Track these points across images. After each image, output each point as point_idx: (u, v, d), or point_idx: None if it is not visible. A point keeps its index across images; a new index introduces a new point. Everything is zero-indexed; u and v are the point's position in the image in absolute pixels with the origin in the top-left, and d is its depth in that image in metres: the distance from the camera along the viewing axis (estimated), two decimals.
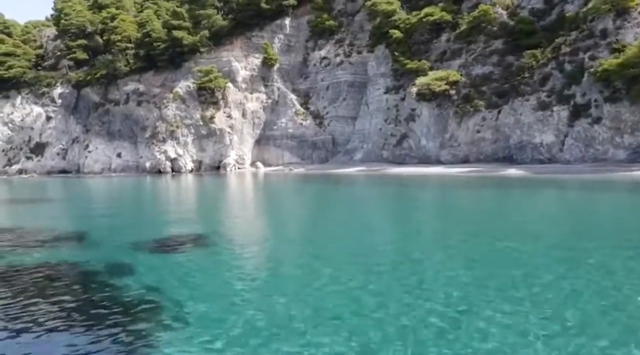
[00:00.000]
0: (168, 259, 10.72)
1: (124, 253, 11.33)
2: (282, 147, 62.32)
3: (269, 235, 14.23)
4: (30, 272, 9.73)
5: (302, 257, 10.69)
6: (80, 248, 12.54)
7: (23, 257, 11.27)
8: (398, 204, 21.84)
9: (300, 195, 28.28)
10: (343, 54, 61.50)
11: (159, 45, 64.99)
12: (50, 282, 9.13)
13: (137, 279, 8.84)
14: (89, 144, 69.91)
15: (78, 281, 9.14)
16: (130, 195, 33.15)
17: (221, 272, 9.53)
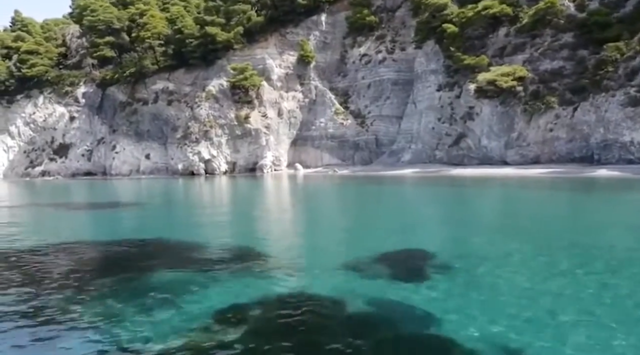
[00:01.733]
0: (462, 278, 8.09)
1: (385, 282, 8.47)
2: (322, 148, 59.70)
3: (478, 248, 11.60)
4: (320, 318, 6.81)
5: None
6: (306, 275, 9.13)
7: (264, 288, 8.20)
8: (510, 208, 19.16)
9: (386, 198, 25.66)
10: (385, 51, 58.96)
11: (190, 42, 62.45)
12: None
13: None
14: (116, 145, 67.33)
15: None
16: (214, 197, 30.42)
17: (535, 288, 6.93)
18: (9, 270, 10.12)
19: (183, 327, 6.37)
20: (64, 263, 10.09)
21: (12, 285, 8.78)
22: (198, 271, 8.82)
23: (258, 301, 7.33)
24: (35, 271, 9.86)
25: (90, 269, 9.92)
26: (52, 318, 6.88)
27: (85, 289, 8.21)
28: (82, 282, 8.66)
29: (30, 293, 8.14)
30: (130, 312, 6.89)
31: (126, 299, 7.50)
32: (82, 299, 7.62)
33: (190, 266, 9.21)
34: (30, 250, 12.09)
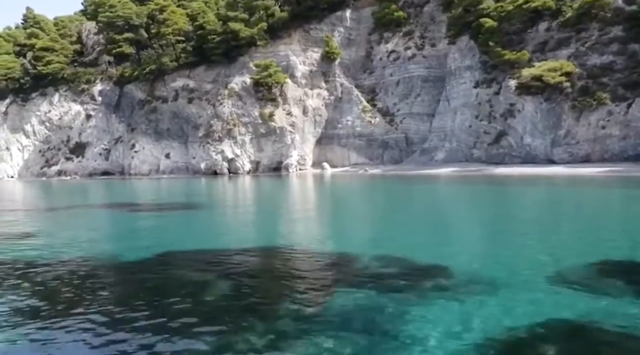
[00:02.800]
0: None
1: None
2: (348, 147, 58.14)
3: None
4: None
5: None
6: (522, 292, 7.08)
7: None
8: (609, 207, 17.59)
9: (463, 198, 24.08)
10: (415, 47, 57.41)
11: (213, 38, 60.89)
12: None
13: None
14: (135, 144, 65.76)
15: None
16: (269, 196, 28.84)
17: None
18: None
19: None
20: (225, 286, 8.44)
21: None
22: (384, 292, 7.22)
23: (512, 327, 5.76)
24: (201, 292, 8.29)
25: (253, 287, 8.26)
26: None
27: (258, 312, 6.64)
28: (252, 306, 7.08)
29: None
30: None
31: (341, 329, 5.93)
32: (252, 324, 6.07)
33: (370, 285, 7.60)
34: (167, 262, 10.52)
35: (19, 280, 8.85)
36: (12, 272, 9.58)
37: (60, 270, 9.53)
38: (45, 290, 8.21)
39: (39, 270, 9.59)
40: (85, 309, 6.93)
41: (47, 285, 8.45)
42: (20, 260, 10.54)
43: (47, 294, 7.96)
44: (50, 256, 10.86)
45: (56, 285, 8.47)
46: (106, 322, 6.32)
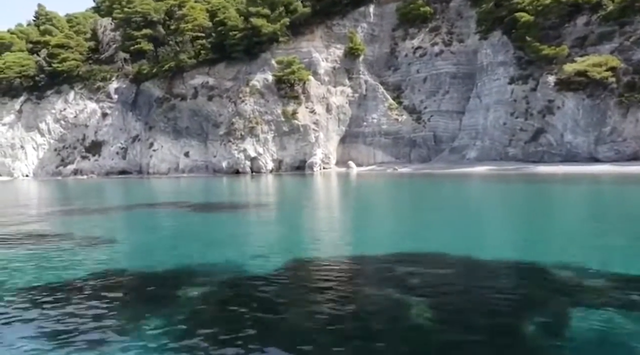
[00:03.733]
0: None
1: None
2: (374, 145, 56.82)
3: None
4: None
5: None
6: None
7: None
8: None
9: (522, 198, 22.80)
10: (442, 43, 56.09)
11: (234, 35, 59.58)
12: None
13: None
14: (154, 142, 64.45)
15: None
16: (322, 196, 27.52)
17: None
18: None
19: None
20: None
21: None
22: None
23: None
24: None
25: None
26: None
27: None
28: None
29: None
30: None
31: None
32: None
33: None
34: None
35: (173, 294, 7.58)
36: (155, 286, 8.29)
37: (203, 284, 8.26)
38: (200, 308, 6.94)
39: (187, 286, 8.32)
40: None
41: (200, 304, 7.17)
42: (147, 271, 9.27)
43: (205, 314, 6.69)
44: (178, 267, 9.59)
45: (208, 305, 7.20)
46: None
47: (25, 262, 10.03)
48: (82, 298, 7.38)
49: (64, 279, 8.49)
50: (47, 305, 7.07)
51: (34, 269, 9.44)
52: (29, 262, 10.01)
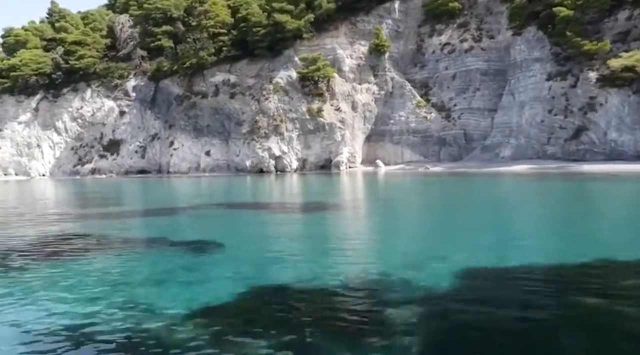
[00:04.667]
0: None
1: None
2: (402, 144, 55.64)
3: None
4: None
5: None
6: None
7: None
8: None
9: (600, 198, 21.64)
10: (472, 39, 54.90)
11: (258, 31, 58.40)
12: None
13: None
14: (174, 141, 63.27)
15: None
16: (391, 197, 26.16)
17: None
18: None
19: None
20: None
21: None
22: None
23: None
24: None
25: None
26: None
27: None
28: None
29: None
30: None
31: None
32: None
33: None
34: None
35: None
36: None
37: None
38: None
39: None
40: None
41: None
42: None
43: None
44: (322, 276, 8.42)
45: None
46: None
47: (167, 276, 8.62)
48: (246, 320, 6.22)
49: (217, 297, 7.23)
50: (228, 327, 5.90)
51: (178, 286, 8.01)
52: (173, 276, 8.59)
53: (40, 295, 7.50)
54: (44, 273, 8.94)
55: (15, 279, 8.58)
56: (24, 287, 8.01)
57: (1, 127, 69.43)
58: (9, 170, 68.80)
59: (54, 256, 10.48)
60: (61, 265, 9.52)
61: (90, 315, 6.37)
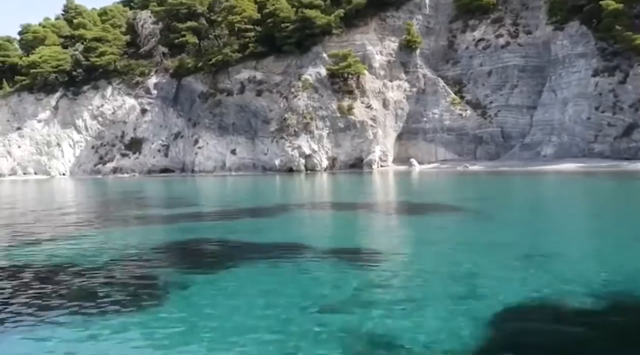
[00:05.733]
0: None
1: None
2: (436, 142, 54.29)
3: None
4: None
5: None
6: None
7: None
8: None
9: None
10: (508, 35, 53.54)
11: (286, 27, 57.02)
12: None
13: None
14: (199, 139, 61.90)
15: None
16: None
17: None
18: None
19: None
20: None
21: None
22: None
23: None
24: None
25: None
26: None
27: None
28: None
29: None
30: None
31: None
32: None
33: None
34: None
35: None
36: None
37: None
38: None
39: None
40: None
41: None
42: None
43: None
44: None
45: None
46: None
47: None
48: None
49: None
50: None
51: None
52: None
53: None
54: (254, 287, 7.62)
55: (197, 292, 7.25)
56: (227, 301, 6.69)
57: (20, 125, 68.16)
58: (28, 169, 67.52)
59: (230, 266, 9.16)
60: (233, 274, 8.19)
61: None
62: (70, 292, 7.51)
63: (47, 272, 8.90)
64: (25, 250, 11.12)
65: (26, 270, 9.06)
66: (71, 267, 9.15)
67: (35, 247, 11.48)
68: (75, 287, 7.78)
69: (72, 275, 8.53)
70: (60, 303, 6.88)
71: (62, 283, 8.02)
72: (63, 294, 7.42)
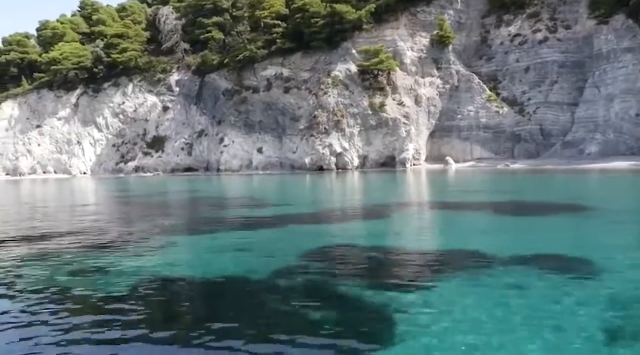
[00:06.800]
0: None
1: None
2: (471, 140, 52.86)
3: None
4: None
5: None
6: None
7: None
8: None
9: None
10: (546, 30, 52.10)
11: (316, 22, 55.65)
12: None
13: None
14: (224, 137, 60.55)
15: None
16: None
17: None
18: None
19: None
20: None
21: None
22: None
23: None
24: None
25: None
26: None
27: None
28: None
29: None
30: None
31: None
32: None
33: None
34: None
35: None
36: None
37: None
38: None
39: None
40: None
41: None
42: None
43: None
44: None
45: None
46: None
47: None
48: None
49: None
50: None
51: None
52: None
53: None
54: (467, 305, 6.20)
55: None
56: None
57: (40, 123, 66.90)
58: (48, 168, 66.27)
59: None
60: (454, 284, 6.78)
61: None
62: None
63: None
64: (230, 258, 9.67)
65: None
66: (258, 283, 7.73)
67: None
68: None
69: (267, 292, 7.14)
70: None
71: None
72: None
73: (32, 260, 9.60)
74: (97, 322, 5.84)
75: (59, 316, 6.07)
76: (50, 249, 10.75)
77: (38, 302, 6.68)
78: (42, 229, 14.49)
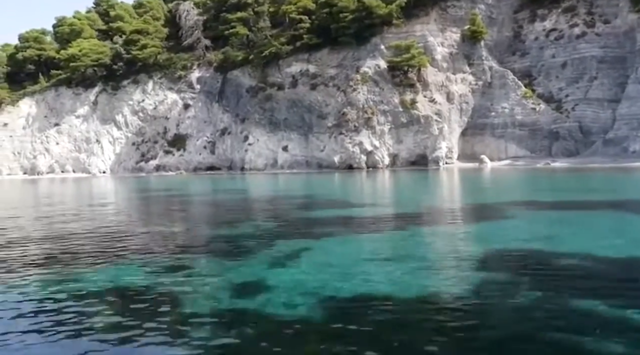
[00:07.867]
0: None
1: None
2: (506, 138, 51.40)
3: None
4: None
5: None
6: None
7: None
8: None
9: None
10: (583, 24, 50.64)
11: (344, 17, 54.21)
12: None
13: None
14: (248, 135, 59.12)
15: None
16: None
17: None
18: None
19: None
20: None
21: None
22: None
23: None
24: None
25: None
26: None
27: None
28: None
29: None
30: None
31: None
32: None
33: None
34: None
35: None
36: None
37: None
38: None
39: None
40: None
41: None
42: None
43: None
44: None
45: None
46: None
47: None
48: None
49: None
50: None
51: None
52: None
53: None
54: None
55: None
56: None
57: (58, 121, 65.58)
58: (66, 167, 64.89)
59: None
60: None
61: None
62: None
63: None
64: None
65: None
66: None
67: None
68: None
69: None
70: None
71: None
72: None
73: (162, 272, 8.15)
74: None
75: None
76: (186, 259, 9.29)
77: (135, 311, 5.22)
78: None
